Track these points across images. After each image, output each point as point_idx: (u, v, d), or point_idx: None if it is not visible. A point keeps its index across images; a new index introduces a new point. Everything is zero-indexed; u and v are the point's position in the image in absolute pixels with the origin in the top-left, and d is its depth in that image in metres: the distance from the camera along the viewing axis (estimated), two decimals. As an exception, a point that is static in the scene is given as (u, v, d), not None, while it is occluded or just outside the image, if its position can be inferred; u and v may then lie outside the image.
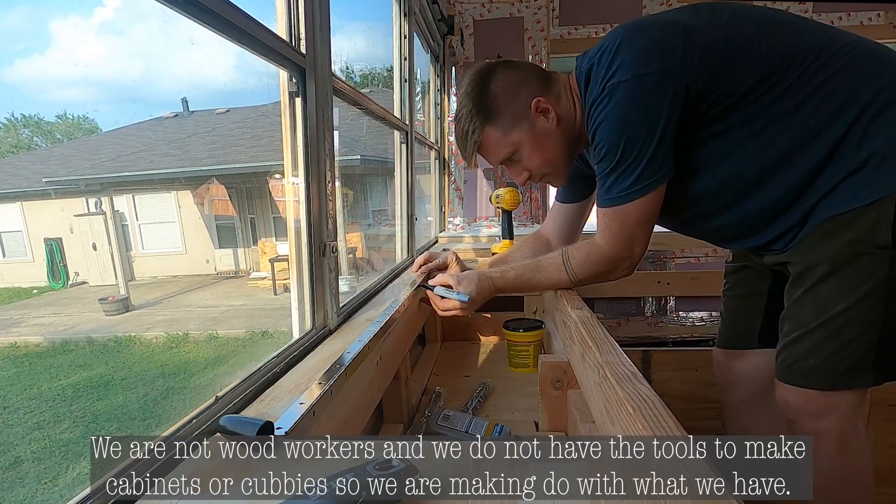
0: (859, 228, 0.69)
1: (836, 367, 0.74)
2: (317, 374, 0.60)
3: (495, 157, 0.90)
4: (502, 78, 0.86)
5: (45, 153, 13.01)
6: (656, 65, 0.71)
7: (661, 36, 0.73)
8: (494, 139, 0.87)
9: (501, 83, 0.85)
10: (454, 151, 2.69)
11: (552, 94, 0.86)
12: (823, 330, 0.73)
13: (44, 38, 17.47)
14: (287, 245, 0.84)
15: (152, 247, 9.77)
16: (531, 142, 0.86)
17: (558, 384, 0.89)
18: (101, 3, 19.39)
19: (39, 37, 16.25)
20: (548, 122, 0.85)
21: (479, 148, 0.89)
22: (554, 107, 0.85)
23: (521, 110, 0.85)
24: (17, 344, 6.33)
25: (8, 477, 3.42)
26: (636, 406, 0.45)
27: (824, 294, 0.73)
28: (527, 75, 0.86)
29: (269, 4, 0.74)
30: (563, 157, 0.89)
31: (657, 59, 0.72)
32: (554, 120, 0.85)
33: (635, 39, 0.74)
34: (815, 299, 0.74)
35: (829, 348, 0.73)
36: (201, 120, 10.95)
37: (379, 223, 8.98)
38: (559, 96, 0.86)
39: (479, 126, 0.86)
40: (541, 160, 0.88)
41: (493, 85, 0.86)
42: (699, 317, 2.77)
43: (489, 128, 0.86)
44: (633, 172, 0.75)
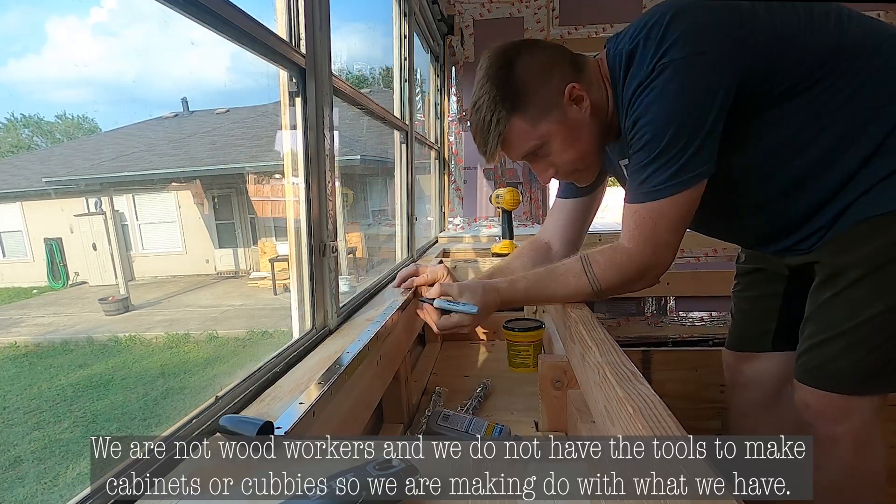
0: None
1: (862, 371, 0.71)
2: (317, 374, 0.60)
3: (518, 152, 0.80)
4: (530, 60, 0.75)
5: (45, 153, 13.02)
6: (715, 44, 0.65)
7: (720, 13, 0.66)
8: (521, 131, 0.76)
9: (530, 66, 0.75)
10: (454, 151, 2.69)
11: (584, 80, 0.76)
12: (853, 334, 0.70)
13: (40, 37, 17.46)
14: (287, 245, 0.84)
15: (152, 247, 9.77)
16: (562, 134, 0.76)
17: (558, 384, 0.88)
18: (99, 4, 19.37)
19: (36, 36, 16.25)
20: (581, 112, 0.75)
21: (504, 141, 0.78)
22: (588, 94, 0.75)
23: (552, 98, 0.74)
24: (17, 344, 6.33)
25: (8, 477, 3.42)
26: (636, 406, 0.45)
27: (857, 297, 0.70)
28: (557, 57, 0.76)
29: (269, 4, 0.75)
30: (596, 152, 0.80)
31: (716, 38, 0.65)
32: (587, 109, 0.75)
33: (690, 14, 0.66)
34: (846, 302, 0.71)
35: (859, 352, 0.71)
36: (201, 120, 10.95)
37: (379, 223, 8.99)
38: (591, 82, 0.76)
39: (504, 115, 0.75)
40: (573, 155, 0.78)
41: (519, 68, 0.75)
42: (699, 317, 2.76)
43: (517, 118, 0.75)
44: (676, 163, 0.67)
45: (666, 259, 0.74)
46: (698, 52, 0.64)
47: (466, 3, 2.60)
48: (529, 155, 0.80)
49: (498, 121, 0.76)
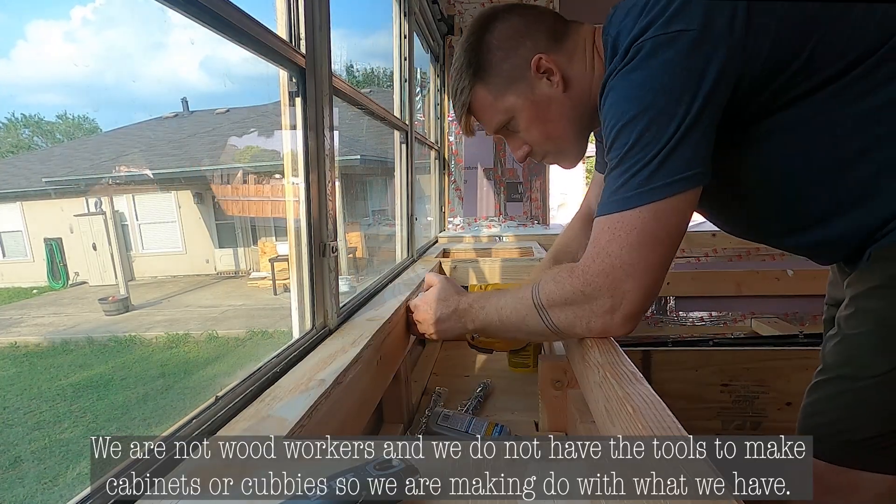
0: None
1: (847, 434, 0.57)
2: (317, 374, 0.60)
3: (489, 125, 0.74)
4: (502, 27, 0.69)
5: (45, 153, 13.02)
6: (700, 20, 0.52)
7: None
8: (486, 102, 0.71)
9: (500, 33, 0.68)
10: (454, 151, 2.69)
11: (562, 52, 0.67)
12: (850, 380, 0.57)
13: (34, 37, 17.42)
14: (287, 245, 0.84)
15: (152, 247, 9.78)
16: (528, 109, 0.69)
17: (558, 384, 0.88)
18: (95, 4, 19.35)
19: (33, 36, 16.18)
20: (551, 87, 0.67)
21: (471, 111, 0.73)
22: (561, 68, 0.66)
23: (517, 69, 0.67)
24: (17, 344, 6.34)
25: (8, 477, 3.42)
26: (636, 406, 0.45)
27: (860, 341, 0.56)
28: (534, 25, 0.68)
29: (269, 4, 0.75)
30: (571, 133, 0.71)
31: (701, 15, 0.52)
32: (559, 84, 0.67)
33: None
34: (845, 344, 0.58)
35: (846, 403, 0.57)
36: (201, 120, 10.96)
37: (379, 223, 8.99)
38: (572, 54, 0.67)
39: (468, 85, 0.70)
40: (540, 133, 0.71)
41: (489, 35, 0.69)
42: (699, 317, 2.77)
43: (480, 87, 0.70)
44: (640, 166, 0.54)
45: (624, 289, 0.57)
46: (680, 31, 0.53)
47: (466, 2, 2.60)
48: (502, 129, 0.74)
49: (462, 89, 0.71)
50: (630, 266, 0.56)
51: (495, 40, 0.69)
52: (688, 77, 0.53)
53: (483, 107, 0.72)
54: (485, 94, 0.71)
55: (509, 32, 0.69)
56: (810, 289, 2.49)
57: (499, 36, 0.69)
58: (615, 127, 0.57)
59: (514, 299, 0.68)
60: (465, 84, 0.71)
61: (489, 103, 0.71)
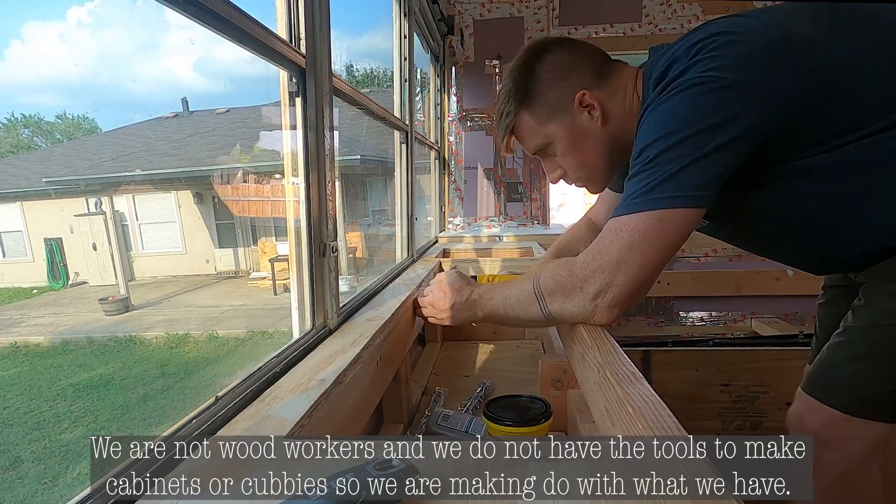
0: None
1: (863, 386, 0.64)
2: (317, 373, 0.60)
3: (529, 146, 0.81)
4: (552, 59, 0.75)
5: (45, 153, 13.03)
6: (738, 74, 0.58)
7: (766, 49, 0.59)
8: (528, 127, 0.78)
9: (550, 65, 0.75)
10: (454, 151, 2.70)
11: (605, 89, 0.74)
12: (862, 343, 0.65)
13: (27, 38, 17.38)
14: (287, 245, 0.84)
15: (152, 247, 9.78)
16: (567, 138, 0.76)
17: (558, 384, 0.89)
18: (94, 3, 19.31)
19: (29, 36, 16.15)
20: (591, 120, 0.74)
21: (514, 132, 0.80)
22: (602, 104, 0.73)
23: (562, 100, 0.74)
24: (17, 344, 6.34)
25: (8, 477, 3.42)
26: (636, 406, 0.45)
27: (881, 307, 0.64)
28: (582, 61, 0.75)
29: (269, 4, 0.75)
30: (603, 163, 0.78)
31: (741, 70, 0.58)
32: (599, 119, 0.73)
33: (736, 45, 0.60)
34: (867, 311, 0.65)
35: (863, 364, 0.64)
36: (201, 120, 10.96)
37: (379, 223, 9.00)
38: (614, 92, 0.74)
39: (514, 109, 0.77)
40: (575, 161, 0.77)
41: (540, 65, 0.75)
42: (699, 317, 2.77)
43: (525, 113, 0.77)
44: (655, 178, 0.60)
45: (615, 280, 0.64)
46: (715, 77, 0.58)
47: (466, 3, 2.60)
48: (539, 152, 0.80)
49: (508, 112, 0.78)
50: (624, 263, 0.63)
51: (545, 71, 0.75)
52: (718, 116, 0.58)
53: (525, 130, 0.79)
54: (529, 118, 0.77)
55: (558, 65, 0.75)
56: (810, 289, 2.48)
57: (548, 67, 0.75)
58: (643, 143, 0.63)
59: (518, 291, 0.75)
60: (511, 108, 0.77)
61: (531, 127, 0.78)
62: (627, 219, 0.62)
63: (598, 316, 0.67)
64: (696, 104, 0.59)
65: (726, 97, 0.58)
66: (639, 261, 0.62)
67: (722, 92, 0.58)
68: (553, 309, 0.70)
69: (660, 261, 0.63)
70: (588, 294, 0.66)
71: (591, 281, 0.65)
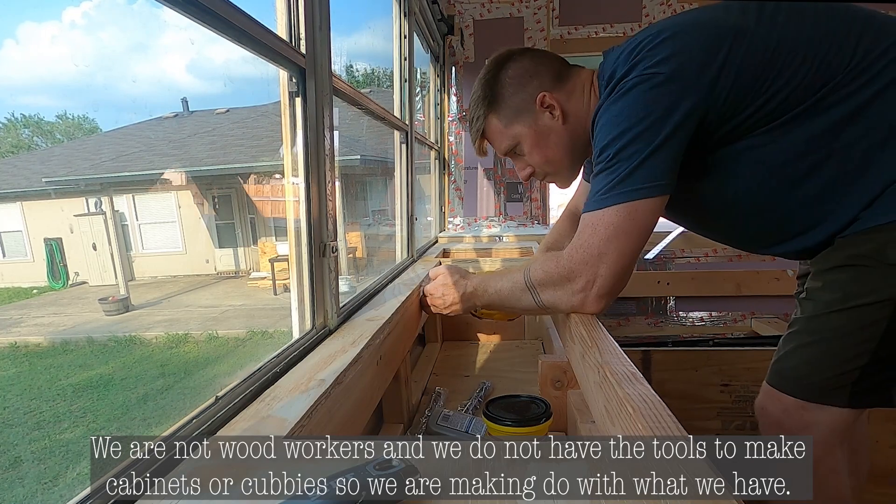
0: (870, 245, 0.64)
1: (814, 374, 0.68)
2: (317, 373, 0.60)
3: (499, 148, 0.88)
4: (515, 67, 0.83)
5: (45, 153, 13.01)
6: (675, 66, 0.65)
7: (698, 41, 0.66)
8: (497, 129, 0.85)
9: (512, 72, 0.83)
10: (454, 151, 2.70)
11: (563, 90, 0.81)
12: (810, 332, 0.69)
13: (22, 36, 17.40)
14: (287, 245, 0.84)
15: (152, 247, 9.77)
16: (532, 137, 0.83)
17: (558, 384, 0.89)
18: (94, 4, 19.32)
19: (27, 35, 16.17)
20: (552, 119, 0.81)
21: (485, 136, 0.88)
22: (561, 104, 0.80)
23: (525, 103, 0.82)
24: (17, 344, 6.33)
25: (8, 477, 3.42)
26: (636, 406, 0.45)
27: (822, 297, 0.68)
28: (541, 67, 0.82)
29: (269, 4, 0.75)
30: (567, 158, 0.85)
31: (676, 63, 0.65)
32: (560, 118, 0.81)
33: (670, 41, 0.67)
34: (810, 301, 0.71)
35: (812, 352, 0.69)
36: (201, 120, 10.95)
37: (379, 223, 8.99)
38: (572, 93, 0.81)
39: (483, 114, 0.85)
40: (541, 158, 0.85)
41: (503, 73, 0.83)
42: (699, 317, 2.77)
43: (492, 117, 0.85)
44: (619, 174, 0.67)
45: (599, 272, 0.71)
46: (655, 73, 0.65)
47: (466, 3, 2.60)
48: (510, 152, 0.87)
49: (478, 118, 0.86)
50: (605, 255, 0.70)
51: (508, 77, 0.83)
52: (660, 109, 0.65)
53: (494, 133, 0.86)
54: (496, 122, 0.85)
55: (520, 72, 0.82)
56: (810, 289, 2.48)
57: (512, 74, 0.83)
58: (602, 142, 0.69)
59: (510, 282, 0.83)
60: (480, 113, 0.85)
61: (500, 130, 0.85)
62: (601, 213, 0.69)
63: (588, 305, 0.74)
64: (641, 101, 0.66)
65: (666, 90, 0.65)
66: (618, 250, 0.69)
67: (662, 87, 0.65)
68: (545, 298, 0.78)
69: (635, 248, 0.70)
70: (577, 285, 0.73)
71: (577, 273, 0.72)
